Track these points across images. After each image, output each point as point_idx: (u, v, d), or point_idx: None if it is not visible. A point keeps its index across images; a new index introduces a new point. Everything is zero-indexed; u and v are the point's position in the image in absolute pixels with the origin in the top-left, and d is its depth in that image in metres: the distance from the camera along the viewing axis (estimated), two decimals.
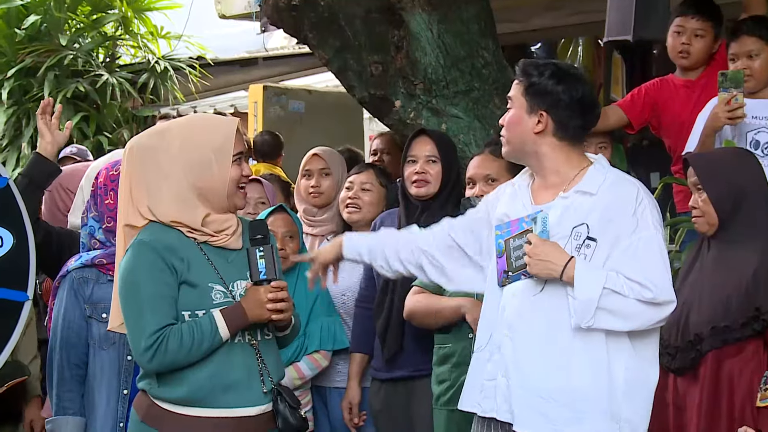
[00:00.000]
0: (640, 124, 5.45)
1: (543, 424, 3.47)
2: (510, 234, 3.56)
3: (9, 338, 4.19)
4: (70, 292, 4.20)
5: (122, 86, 11.02)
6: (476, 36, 5.12)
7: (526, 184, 3.67)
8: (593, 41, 8.68)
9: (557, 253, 3.45)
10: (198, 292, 3.52)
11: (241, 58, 11.47)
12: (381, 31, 5.13)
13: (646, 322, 3.45)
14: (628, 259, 3.44)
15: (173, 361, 3.46)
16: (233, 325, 3.49)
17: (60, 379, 4.18)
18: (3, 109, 10.93)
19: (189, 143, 3.55)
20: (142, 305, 3.48)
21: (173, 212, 3.54)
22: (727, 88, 4.68)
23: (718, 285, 3.85)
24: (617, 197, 3.51)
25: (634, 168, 6.10)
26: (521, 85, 3.60)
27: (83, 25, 11.52)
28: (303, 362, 4.79)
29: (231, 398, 3.50)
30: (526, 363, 3.50)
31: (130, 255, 3.53)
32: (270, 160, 8.35)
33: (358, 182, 5.02)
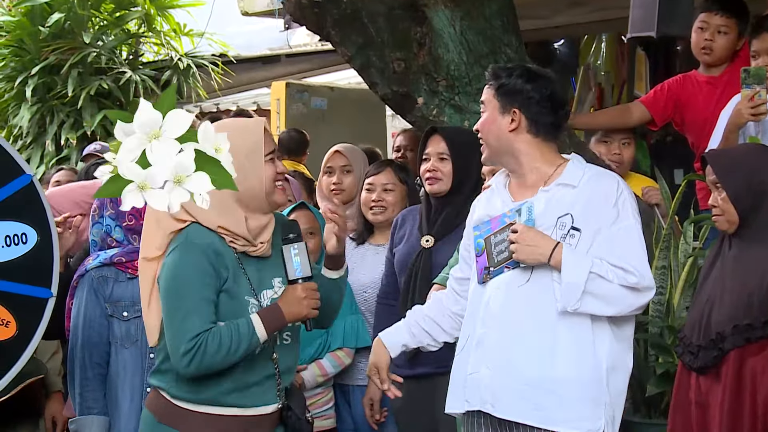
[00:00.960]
0: (663, 121, 5.44)
1: (529, 411, 3.53)
2: (490, 231, 3.65)
3: (34, 334, 4.21)
4: (90, 291, 4.20)
5: (145, 83, 11.04)
6: (499, 32, 5.11)
7: (503, 184, 3.77)
8: (616, 37, 8.66)
9: (544, 239, 3.54)
10: (237, 303, 3.51)
11: (263, 55, 11.48)
12: (404, 28, 5.13)
13: (627, 308, 3.55)
14: (610, 247, 3.55)
15: (211, 364, 3.43)
16: (271, 326, 3.49)
17: (83, 379, 4.19)
18: (27, 106, 10.96)
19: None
20: (188, 307, 3.44)
21: (215, 219, 3.51)
22: (750, 84, 4.66)
23: (739, 283, 3.82)
24: (598, 189, 3.62)
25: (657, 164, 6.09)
26: (492, 88, 3.74)
27: (107, 23, 11.54)
28: (326, 359, 4.80)
29: (249, 399, 3.53)
30: (511, 352, 3.55)
31: (179, 254, 3.48)
32: (295, 157, 8.36)
33: (379, 183, 5.01)
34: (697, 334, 3.88)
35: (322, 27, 5.32)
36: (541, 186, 3.65)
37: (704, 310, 3.87)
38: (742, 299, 3.79)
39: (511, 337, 3.56)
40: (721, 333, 3.80)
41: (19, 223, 4.19)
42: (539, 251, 3.53)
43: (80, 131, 10.78)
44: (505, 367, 3.55)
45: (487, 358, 3.58)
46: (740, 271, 3.84)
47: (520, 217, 3.58)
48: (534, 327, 3.55)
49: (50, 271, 4.22)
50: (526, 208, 3.59)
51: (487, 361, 3.58)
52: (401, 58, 5.12)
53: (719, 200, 3.90)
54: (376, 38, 5.16)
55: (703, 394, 3.86)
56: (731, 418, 3.76)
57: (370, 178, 5.06)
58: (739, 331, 3.77)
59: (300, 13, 5.38)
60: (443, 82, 5.07)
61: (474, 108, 5.03)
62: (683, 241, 4.55)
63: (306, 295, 3.53)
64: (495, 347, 3.58)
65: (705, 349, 3.84)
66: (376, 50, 5.16)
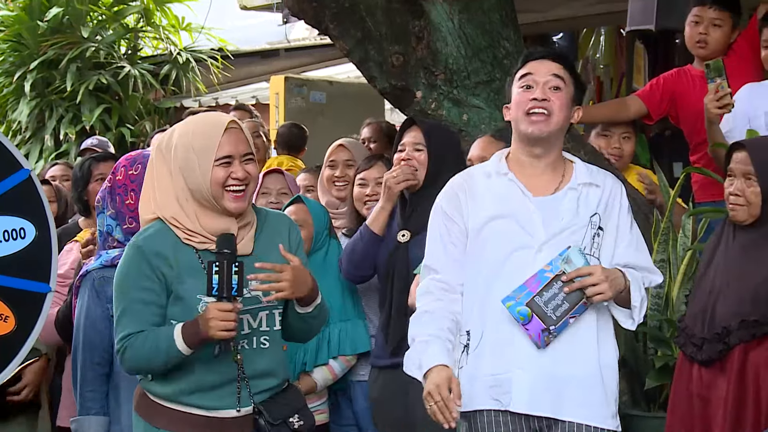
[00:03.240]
0: (659, 115, 5.44)
1: (574, 409, 3.53)
2: (531, 295, 3.48)
3: (33, 329, 4.21)
4: (92, 292, 4.19)
5: (144, 78, 11.05)
6: (497, 26, 5.10)
7: (509, 174, 3.65)
8: (615, 30, 8.65)
9: (614, 270, 3.54)
10: (184, 304, 3.52)
11: (262, 49, 11.48)
12: (402, 22, 5.12)
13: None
14: (634, 252, 3.61)
15: (137, 366, 3.57)
16: (191, 339, 3.46)
17: (83, 379, 4.18)
18: (26, 101, 10.97)
19: (182, 144, 3.55)
20: (123, 308, 3.54)
21: (173, 210, 3.55)
22: (713, 78, 4.68)
23: (746, 276, 3.79)
24: (617, 193, 3.66)
25: (656, 158, 6.09)
26: (568, 75, 3.65)
27: (105, 17, 11.55)
28: (335, 362, 4.81)
29: (209, 402, 3.53)
30: (547, 352, 3.52)
31: (124, 255, 3.59)
32: (294, 152, 8.34)
33: (371, 178, 4.97)
34: (700, 325, 3.86)
35: (321, 21, 5.31)
36: (560, 183, 3.62)
37: (708, 301, 3.85)
38: (749, 293, 3.76)
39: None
40: (726, 327, 3.78)
41: (18, 218, 4.18)
42: (618, 282, 3.51)
43: (79, 126, 10.79)
44: (546, 368, 3.52)
45: (519, 359, 3.53)
46: (748, 264, 3.81)
47: (572, 264, 3.46)
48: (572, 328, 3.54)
49: (48, 266, 4.21)
50: (576, 253, 3.48)
51: (518, 362, 3.53)
52: (399, 52, 5.12)
53: (748, 191, 3.82)
54: (375, 32, 5.15)
55: (705, 387, 3.85)
56: (735, 413, 3.75)
57: (361, 173, 5.02)
58: (745, 326, 3.75)
59: (298, 7, 5.37)
60: (441, 76, 5.07)
61: (473, 101, 5.04)
62: (682, 234, 4.55)
63: (213, 316, 3.42)
64: (527, 347, 3.52)
65: (710, 342, 3.82)
66: (375, 44, 5.16)
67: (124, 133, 10.79)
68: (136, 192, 4.03)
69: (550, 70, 3.61)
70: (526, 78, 3.63)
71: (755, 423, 3.71)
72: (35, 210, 4.21)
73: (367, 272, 4.74)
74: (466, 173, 3.78)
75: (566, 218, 3.57)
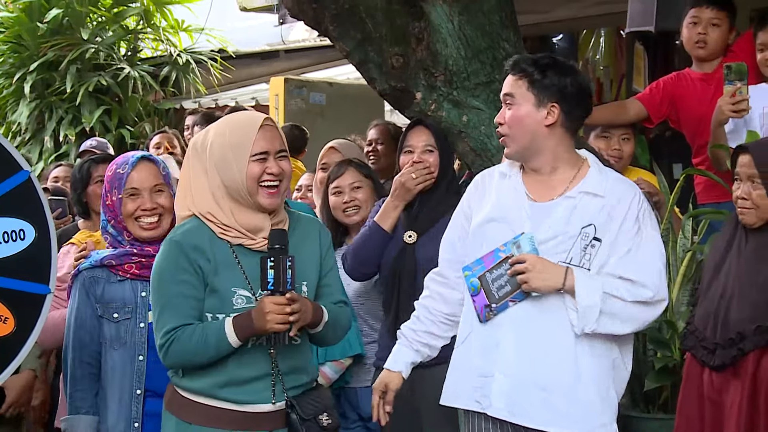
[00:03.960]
0: (659, 119, 5.44)
1: (550, 418, 3.52)
2: (484, 269, 3.61)
3: (32, 330, 4.21)
4: (81, 291, 4.21)
5: (144, 79, 11.04)
6: (497, 27, 5.10)
7: (519, 176, 3.69)
8: (615, 32, 8.65)
9: (555, 267, 3.52)
10: (219, 296, 3.59)
11: (262, 50, 11.47)
12: (402, 23, 5.12)
13: (643, 323, 3.58)
14: (628, 260, 3.53)
15: (182, 360, 3.59)
16: (243, 332, 3.54)
17: (72, 378, 4.19)
18: (26, 102, 10.96)
19: (218, 140, 3.64)
20: (164, 303, 3.60)
21: (208, 206, 3.63)
22: (732, 80, 4.67)
23: (760, 281, 3.76)
24: (620, 199, 3.60)
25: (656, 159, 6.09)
26: (524, 81, 3.65)
27: (105, 19, 11.54)
28: (327, 367, 4.81)
29: (243, 396, 3.58)
30: (529, 358, 3.53)
31: (161, 251, 3.65)
32: (295, 154, 8.34)
33: (346, 184, 4.97)
34: (712, 329, 3.83)
35: (320, 22, 5.31)
36: (564, 189, 3.61)
37: (720, 305, 3.82)
38: (764, 298, 3.74)
39: (527, 343, 3.55)
40: (741, 332, 3.75)
41: (17, 220, 4.18)
42: (553, 279, 3.50)
43: (79, 127, 10.79)
44: (523, 375, 3.53)
45: (502, 363, 3.56)
46: (761, 268, 3.79)
47: (520, 249, 3.54)
48: (551, 334, 3.54)
49: (48, 267, 4.22)
50: (527, 240, 3.54)
51: (502, 366, 3.55)
52: (399, 54, 5.11)
53: (754, 194, 3.80)
54: (374, 33, 5.15)
55: (717, 392, 3.83)
56: (749, 419, 3.73)
57: (334, 181, 5.00)
58: (761, 332, 3.73)
59: (298, 9, 5.37)
60: (441, 77, 5.06)
61: (472, 103, 5.03)
62: (682, 235, 4.54)
63: (270, 309, 3.49)
64: (511, 353, 3.55)
65: (723, 347, 3.80)
66: (374, 45, 5.15)
67: (124, 134, 10.79)
68: (112, 192, 4.18)
69: (506, 89, 3.69)
70: None
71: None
72: (35, 211, 4.21)
73: (373, 270, 4.75)
74: (490, 169, 3.85)
75: (554, 227, 3.57)
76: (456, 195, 4.62)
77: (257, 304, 3.55)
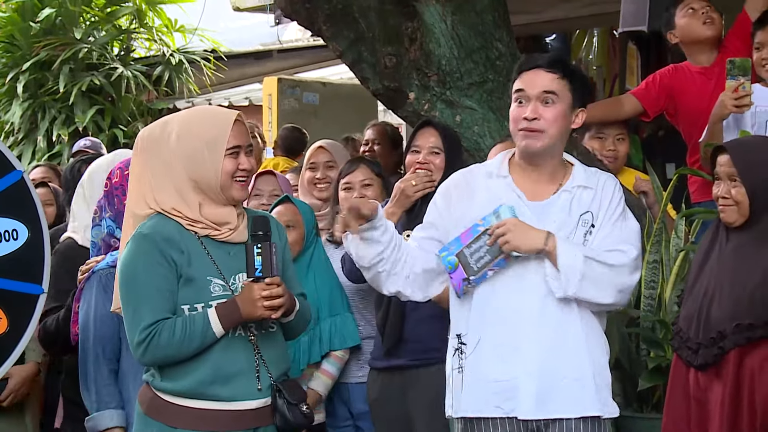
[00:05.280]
0: (656, 112, 5.42)
1: (570, 406, 3.58)
2: (461, 246, 3.60)
3: (25, 331, 4.21)
4: (99, 289, 4.18)
5: (137, 79, 11.04)
6: (490, 27, 5.10)
7: (509, 177, 3.69)
8: (608, 32, 8.66)
9: (535, 229, 3.55)
10: (196, 285, 3.54)
11: (255, 50, 11.47)
12: (395, 23, 5.12)
13: (624, 292, 3.64)
14: (610, 239, 3.62)
15: (165, 355, 3.50)
16: (227, 321, 3.50)
17: (97, 374, 4.15)
18: (18, 102, 10.96)
19: (185, 135, 3.58)
20: (139, 299, 3.51)
21: (170, 200, 3.57)
22: (735, 75, 4.67)
23: (740, 279, 3.76)
24: (608, 190, 3.68)
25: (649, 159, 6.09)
26: (566, 81, 3.62)
27: (98, 19, 11.54)
28: (329, 364, 4.79)
29: (230, 392, 3.53)
30: (550, 353, 3.56)
31: (129, 247, 3.56)
32: (294, 155, 8.34)
33: (356, 181, 4.96)
34: (695, 329, 3.84)
35: (314, 22, 5.30)
36: (558, 186, 3.65)
37: (702, 305, 3.83)
38: (744, 296, 3.73)
39: (545, 339, 3.57)
40: (722, 331, 3.76)
41: (10, 219, 4.19)
42: (534, 237, 3.51)
43: (72, 127, 10.78)
44: (546, 370, 3.56)
45: (524, 364, 3.56)
46: (742, 266, 3.78)
47: (501, 217, 3.55)
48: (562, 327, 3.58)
49: (41, 268, 4.22)
50: (506, 209, 3.56)
51: (525, 369, 3.56)
52: (392, 54, 5.11)
53: (733, 191, 3.80)
54: (368, 33, 5.15)
55: (702, 390, 3.83)
56: (732, 417, 3.73)
57: (345, 177, 4.99)
58: (740, 330, 3.72)
59: (291, 9, 5.37)
60: (434, 77, 5.06)
61: (465, 102, 5.03)
62: (674, 235, 4.55)
63: (260, 296, 3.49)
64: (533, 352, 3.56)
65: (705, 347, 3.81)
66: (368, 45, 5.15)
67: (117, 134, 10.78)
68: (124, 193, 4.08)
69: (542, 85, 3.60)
70: (519, 93, 3.64)
71: (750, 427, 3.70)
72: (28, 211, 4.21)
73: None
74: (468, 170, 3.83)
75: (558, 220, 3.61)
76: None
77: (242, 291, 3.52)
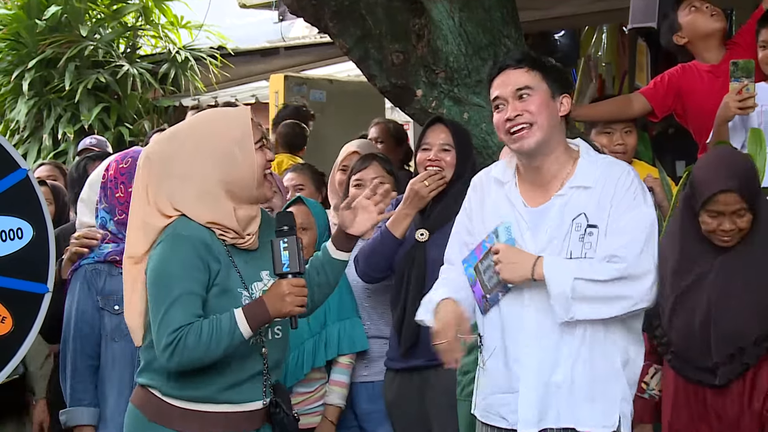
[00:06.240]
0: (664, 112, 5.41)
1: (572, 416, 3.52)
2: (476, 260, 3.58)
3: (30, 329, 4.21)
4: (83, 284, 4.21)
5: (143, 77, 11.02)
6: (498, 24, 5.08)
7: (514, 182, 3.65)
8: (617, 28, 8.62)
9: (524, 256, 3.50)
10: (231, 296, 3.47)
11: (261, 47, 11.44)
12: (402, 20, 5.10)
13: (625, 305, 3.48)
14: (615, 238, 3.48)
15: (192, 359, 3.39)
16: (255, 321, 3.42)
17: (74, 370, 4.19)
18: (24, 100, 10.94)
19: (206, 140, 3.49)
20: (171, 300, 3.38)
21: (205, 213, 3.46)
22: (738, 77, 4.65)
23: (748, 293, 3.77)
24: (611, 182, 3.56)
25: (659, 156, 6.06)
26: (536, 73, 3.59)
27: (104, 16, 11.52)
28: (340, 374, 4.78)
29: (241, 396, 3.50)
30: (549, 365, 3.52)
31: (165, 246, 3.43)
32: (296, 151, 8.32)
33: (368, 178, 4.92)
34: (700, 348, 3.79)
35: (320, 19, 5.28)
36: (557, 188, 3.57)
37: (704, 321, 3.80)
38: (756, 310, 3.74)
39: (548, 352, 3.52)
40: (743, 347, 3.75)
41: (15, 218, 4.19)
42: (522, 268, 3.47)
43: (77, 125, 10.77)
44: (547, 383, 3.52)
45: (527, 378, 3.53)
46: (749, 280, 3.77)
47: (499, 238, 3.53)
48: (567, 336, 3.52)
49: (46, 266, 4.22)
50: (503, 229, 3.53)
51: (526, 381, 3.53)
52: (400, 50, 5.09)
53: (739, 222, 3.79)
54: (375, 30, 5.12)
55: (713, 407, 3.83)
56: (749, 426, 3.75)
57: (357, 174, 4.97)
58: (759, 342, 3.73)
59: (298, 5, 5.35)
60: (442, 74, 5.04)
61: (473, 100, 5.01)
62: None
63: (290, 291, 3.42)
64: (534, 367, 3.52)
65: (723, 364, 3.78)
66: (375, 42, 5.13)
67: (123, 132, 10.77)
68: (126, 184, 4.11)
69: (515, 83, 3.58)
70: (496, 100, 3.63)
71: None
72: (33, 210, 4.21)
73: (383, 274, 4.74)
74: (484, 173, 3.79)
75: (550, 229, 3.55)
76: None
77: (270, 288, 3.45)
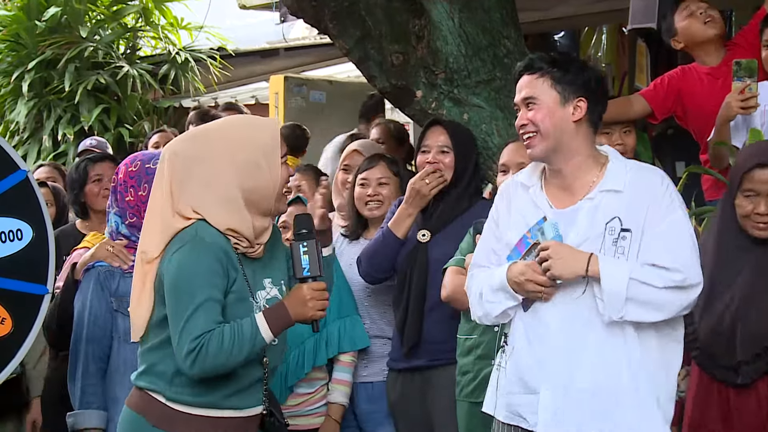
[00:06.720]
0: (663, 114, 5.41)
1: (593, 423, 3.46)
2: (519, 255, 3.55)
3: (30, 331, 4.20)
4: (96, 286, 4.19)
5: (143, 78, 11.01)
6: (498, 25, 5.08)
7: (539, 185, 3.63)
8: (617, 29, 8.62)
9: (578, 253, 3.46)
10: (246, 304, 3.45)
11: (261, 48, 11.43)
12: (402, 21, 5.10)
13: (675, 310, 3.46)
14: (658, 245, 3.44)
15: (214, 365, 3.35)
16: (276, 325, 3.39)
17: (84, 373, 4.18)
18: (24, 101, 10.92)
19: (235, 146, 3.44)
20: (194, 307, 3.34)
21: (226, 220, 3.43)
22: (741, 77, 4.65)
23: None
24: (643, 186, 3.52)
25: (659, 157, 6.06)
26: (545, 78, 3.56)
27: (103, 17, 11.51)
28: (342, 372, 4.79)
29: (245, 400, 3.49)
30: (575, 368, 3.48)
31: (188, 252, 3.38)
32: (297, 153, 8.30)
33: (373, 178, 4.94)
34: (727, 346, 3.80)
35: (320, 20, 5.29)
36: (586, 192, 3.53)
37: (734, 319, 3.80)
38: None
39: (572, 354, 3.48)
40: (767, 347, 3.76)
41: (15, 219, 4.19)
42: (576, 265, 3.43)
43: (77, 126, 10.75)
44: (568, 386, 3.47)
45: (547, 378, 3.50)
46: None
47: (545, 235, 3.49)
48: (595, 339, 3.47)
49: (46, 268, 4.22)
50: (550, 226, 3.49)
51: (550, 383, 3.49)
52: (399, 51, 5.09)
53: None
54: (374, 31, 5.13)
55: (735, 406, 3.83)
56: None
57: (363, 173, 4.98)
58: None
59: (298, 6, 5.35)
60: (442, 75, 5.04)
61: (473, 101, 5.01)
62: None
63: (311, 296, 3.40)
64: (556, 367, 3.49)
65: (747, 364, 3.78)
66: (374, 43, 5.13)
67: (123, 133, 10.75)
68: (135, 188, 4.12)
69: (522, 92, 3.58)
70: (515, 106, 3.63)
71: None
72: (32, 211, 4.21)
73: (386, 275, 4.76)
74: (512, 181, 3.76)
75: (581, 231, 3.51)
76: (475, 195, 4.67)
77: (291, 293, 3.44)
